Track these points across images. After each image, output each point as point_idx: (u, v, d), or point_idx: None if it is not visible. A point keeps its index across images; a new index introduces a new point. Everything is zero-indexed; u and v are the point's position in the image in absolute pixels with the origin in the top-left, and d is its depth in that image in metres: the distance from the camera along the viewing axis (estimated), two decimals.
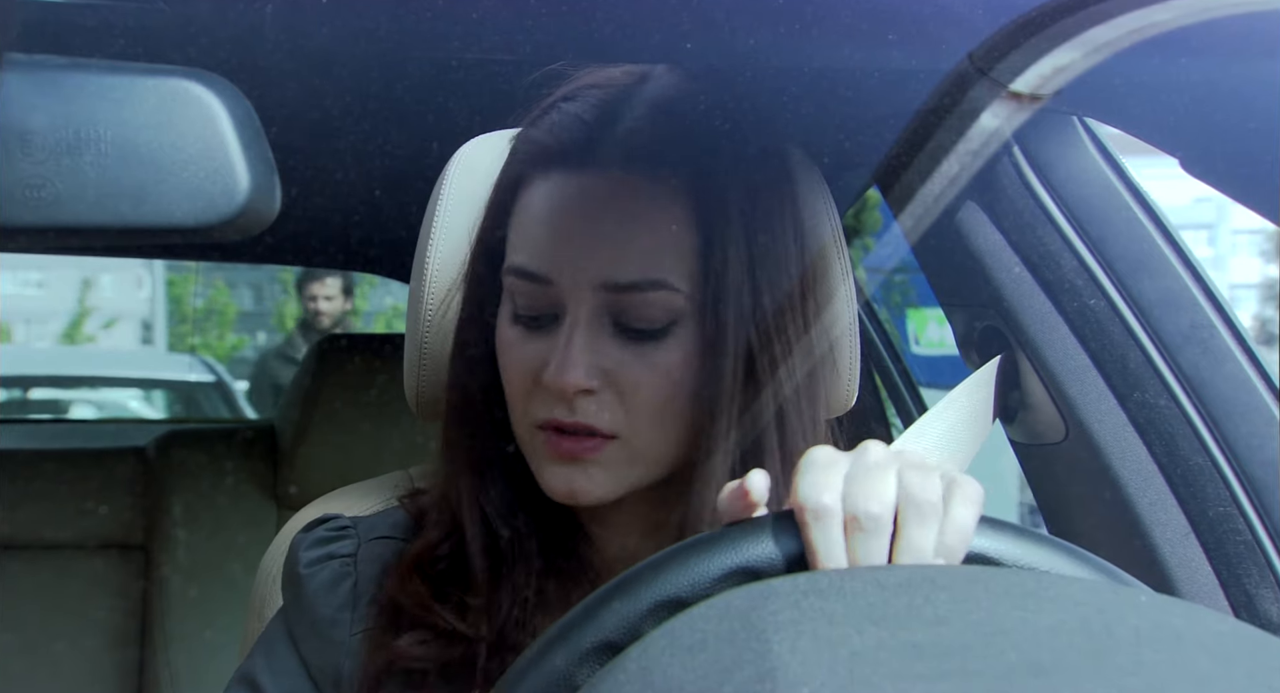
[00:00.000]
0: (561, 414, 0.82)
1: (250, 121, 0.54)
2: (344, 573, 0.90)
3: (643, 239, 0.82)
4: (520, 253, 0.84)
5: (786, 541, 0.62)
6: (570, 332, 0.81)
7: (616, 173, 0.83)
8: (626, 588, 0.61)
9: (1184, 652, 0.51)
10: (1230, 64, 0.85)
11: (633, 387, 0.82)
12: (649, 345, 0.82)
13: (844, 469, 0.64)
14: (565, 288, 0.82)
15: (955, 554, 0.62)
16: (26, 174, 0.50)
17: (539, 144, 0.86)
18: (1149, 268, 1.10)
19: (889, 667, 0.49)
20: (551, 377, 0.81)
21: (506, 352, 0.85)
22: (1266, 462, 1.04)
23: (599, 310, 0.82)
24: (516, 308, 0.84)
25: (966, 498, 0.63)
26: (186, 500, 2.13)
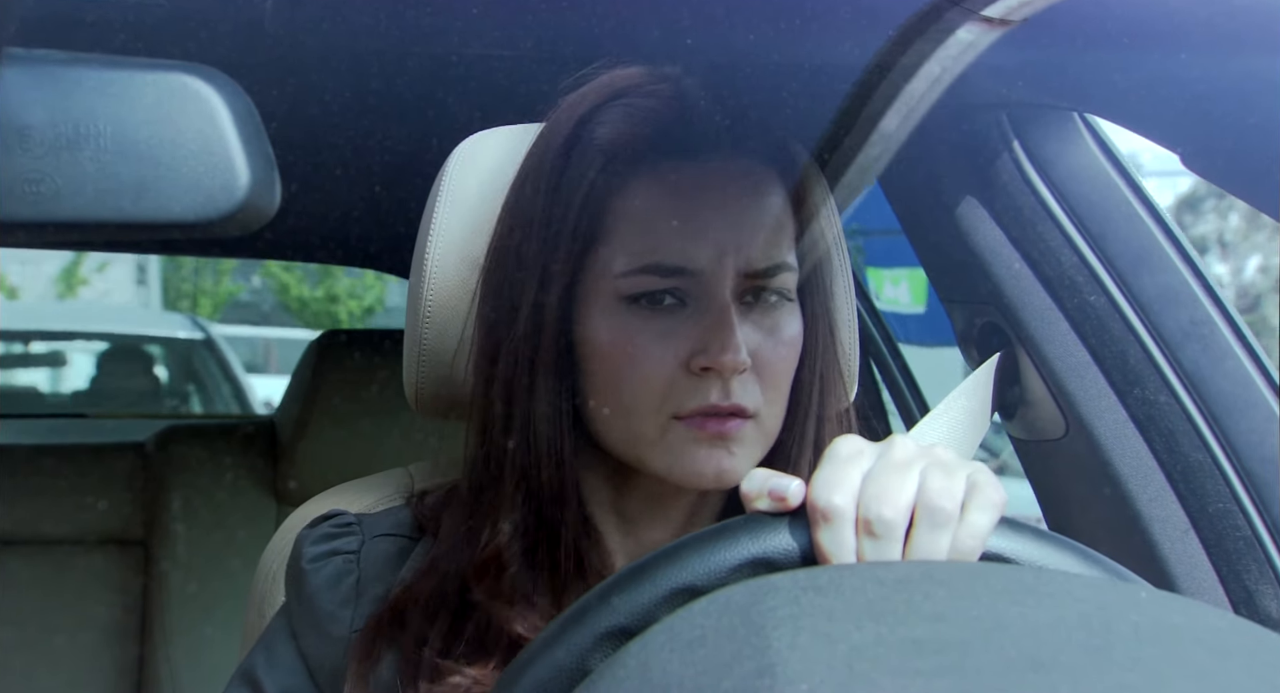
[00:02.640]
0: (718, 398, 0.82)
1: (250, 117, 0.54)
2: (347, 570, 0.90)
3: (769, 222, 0.86)
4: (644, 250, 0.83)
5: (803, 535, 0.62)
6: (723, 313, 0.82)
7: (728, 160, 0.86)
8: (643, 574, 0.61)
9: (1183, 647, 0.51)
10: (1230, 60, 0.85)
11: (769, 365, 0.85)
12: (773, 322, 0.86)
13: (865, 465, 0.64)
14: (708, 278, 0.83)
15: (969, 559, 0.62)
16: (26, 169, 0.50)
17: (632, 139, 0.85)
18: (1149, 264, 1.10)
19: (888, 663, 0.49)
20: (716, 358, 0.81)
21: (633, 344, 0.83)
22: (1266, 458, 1.04)
23: (735, 294, 0.84)
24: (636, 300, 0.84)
25: (986, 503, 0.63)
26: (186, 496, 2.13)
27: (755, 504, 0.64)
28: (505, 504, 0.86)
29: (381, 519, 0.94)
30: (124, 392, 4.93)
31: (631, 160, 0.84)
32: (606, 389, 0.85)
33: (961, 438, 1.07)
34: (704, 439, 0.83)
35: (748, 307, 0.85)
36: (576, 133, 0.86)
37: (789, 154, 0.90)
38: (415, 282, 0.97)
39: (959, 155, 1.17)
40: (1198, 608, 0.59)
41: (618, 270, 0.84)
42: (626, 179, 0.84)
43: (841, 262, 0.99)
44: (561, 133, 0.87)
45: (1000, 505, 0.64)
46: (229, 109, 0.53)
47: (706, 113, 0.86)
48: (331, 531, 0.92)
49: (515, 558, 0.85)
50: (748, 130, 0.87)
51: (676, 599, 0.59)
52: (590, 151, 0.85)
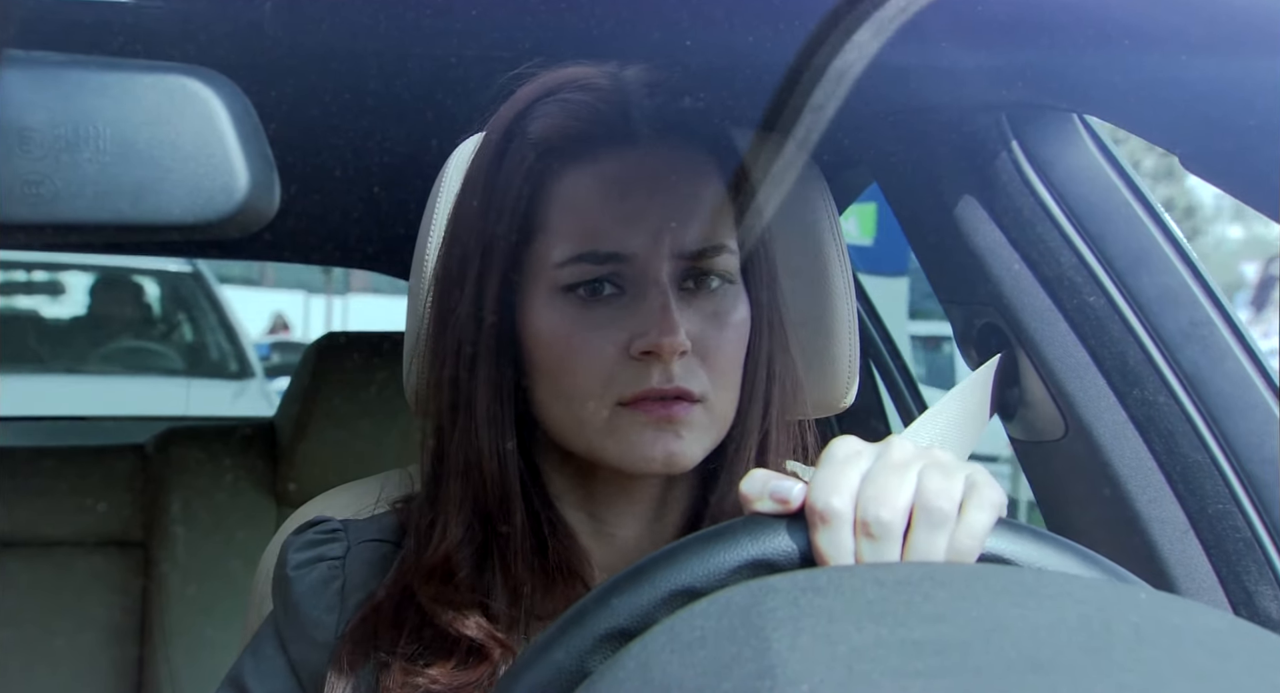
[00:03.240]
0: (660, 382, 0.82)
1: (249, 118, 0.53)
2: (332, 576, 0.90)
3: (703, 206, 0.86)
4: (579, 238, 0.84)
5: (802, 537, 0.62)
6: (661, 297, 0.83)
7: (662, 147, 0.86)
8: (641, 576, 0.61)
9: (1183, 649, 0.51)
10: (1230, 61, 0.85)
11: (714, 346, 0.85)
12: (715, 306, 0.86)
13: (864, 466, 0.64)
14: (642, 262, 0.83)
15: (967, 558, 0.62)
16: (25, 171, 0.50)
17: (564, 132, 0.85)
18: (1148, 265, 1.10)
19: (888, 664, 0.49)
20: (655, 340, 0.81)
21: (573, 334, 0.84)
22: (1265, 459, 1.04)
23: (673, 278, 0.84)
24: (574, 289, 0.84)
25: (984, 503, 0.63)
26: (186, 498, 2.13)
27: (756, 506, 0.64)
28: (455, 507, 0.86)
29: (368, 525, 0.94)
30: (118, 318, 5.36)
31: (564, 152, 0.85)
32: (552, 380, 0.85)
33: (957, 438, 1.07)
34: (650, 423, 0.83)
35: (688, 291, 0.85)
36: (511, 129, 0.88)
37: (729, 141, 0.90)
38: (415, 283, 0.97)
39: (958, 156, 1.17)
40: (1197, 609, 0.59)
41: (554, 261, 0.84)
42: (559, 170, 0.85)
43: (840, 261, 0.99)
44: (498, 131, 0.88)
45: (998, 506, 0.64)
46: (228, 111, 0.53)
47: (641, 104, 0.87)
48: (316, 537, 0.93)
49: (465, 562, 0.85)
50: (684, 119, 0.87)
51: (676, 601, 0.59)
52: (524, 146, 0.86)
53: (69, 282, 5.71)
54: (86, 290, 5.54)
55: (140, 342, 5.42)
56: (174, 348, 5.49)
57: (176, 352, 5.45)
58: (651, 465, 0.84)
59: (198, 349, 5.46)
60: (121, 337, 5.35)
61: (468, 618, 0.84)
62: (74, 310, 5.68)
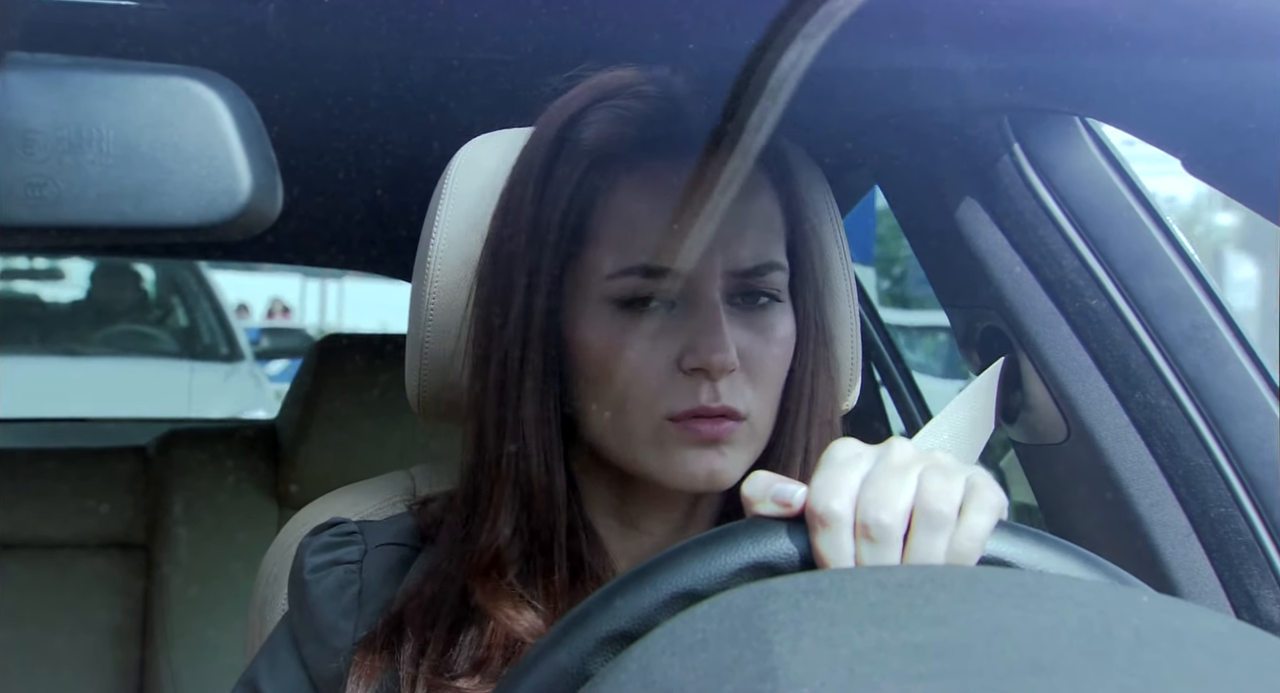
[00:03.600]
0: (707, 399, 0.82)
1: (252, 121, 0.54)
2: (349, 580, 0.89)
3: (755, 221, 0.86)
4: (631, 251, 0.83)
5: (803, 540, 0.62)
6: (712, 313, 0.82)
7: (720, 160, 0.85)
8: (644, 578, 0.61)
9: (1184, 652, 0.51)
10: (1232, 64, 0.85)
11: (759, 364, 0.85)
12: (763, 322, 0.86)
13: (864, 469, 0.64)
14: (695, 278, 0.83)
15: (967, 561, 0.62)
16: (28, 173, 0.50)
17: (619, 140, 0.85)
18: (1150, 268, 1.10)
19: (889, 667, 0.49)
20: (705, 358, 0.81)
21: (623, 346, 0.83)
22: (1268, 462, 1.04)
23: (723, 293, 0.84)
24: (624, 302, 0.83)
25: (984, 505, 0.63)
26: (187, 499, 2.13)
27: (758, 508, 0.64)
28: (502, 509, 0.85)
29: (384, 527, 0.93)
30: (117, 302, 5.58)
31: (618, 162, 0.84)
32: (599, 392, 0.85)
33: (964, 445, 1.07)
34: (695, 442, 0.83)
35: (737, 307, 0.85)
36: (563, 135, 0.86)
37: (780, 155, 0.90)
38: (417, 285, 0.97)
39: (960, 159, 1.17)
40: (1199, 612, 0.59)
41: (606, 272, 0.83)
42: (613, 180, 0.84)
43: (843, 263, 0.99)
44: (549, 136, 0.87)
45: (999, 508, 0.64)
46: (231, 113, 0.53)
47: (694, 113, 0.86)
48: (333, 540, 0.92)
49: (515, 561, 0.85)
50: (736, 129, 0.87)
51: (677, 604, 0.59)
52: (577, 154, 0.85)
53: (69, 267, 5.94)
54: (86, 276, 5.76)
55: (136, 326, 5.62)
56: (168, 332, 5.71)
57: (170, 335, 5.67)
58: (694, 483, 0.84)
59: (191, 333, 5.68)
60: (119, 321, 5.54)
61: (522, 616, 0.83)
62: (74, 294, 5.90)
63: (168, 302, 5.87)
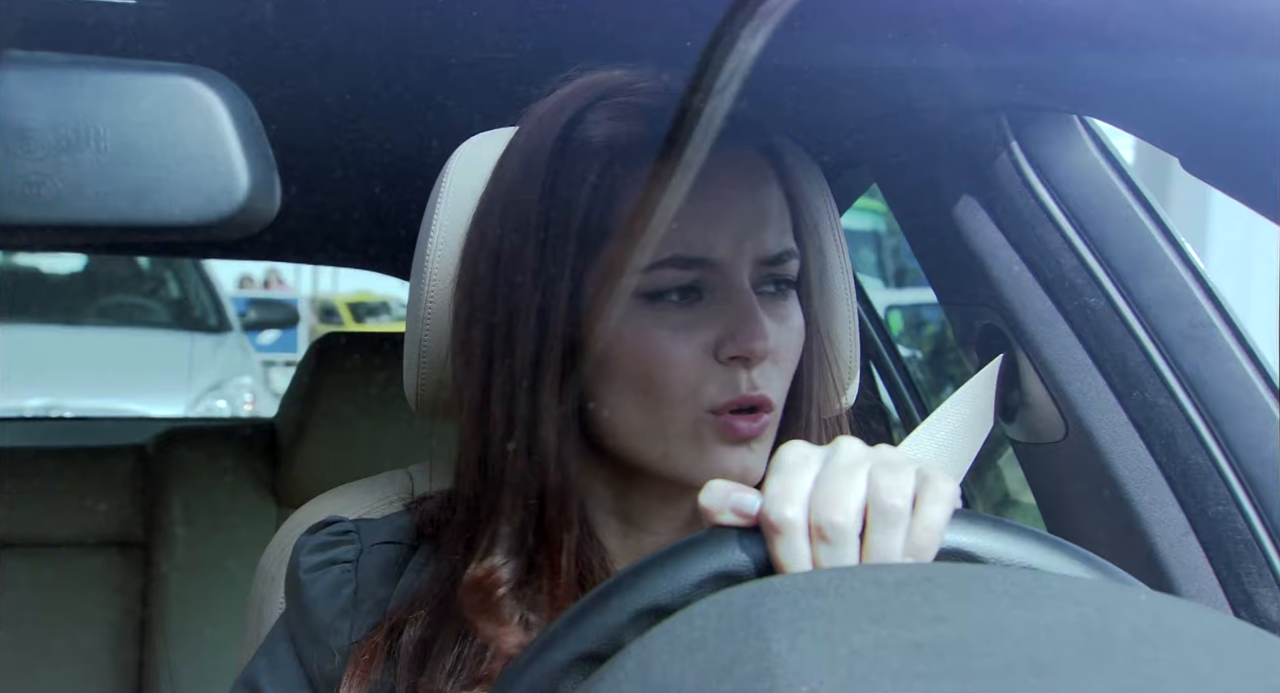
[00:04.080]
0: (746, 389, 0.83)
1: (250, 119, 0.54)
2: (345, 580, 0.89)
3: (773, 210, 0.87)
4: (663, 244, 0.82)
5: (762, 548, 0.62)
6: (747, 301, 0.83)
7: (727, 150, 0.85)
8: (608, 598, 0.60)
9: (1183, 651, 0.51)
10: (1230, 63, 0.85)
11: (785, 351, 0.85)
12: (784, 310, 0.86)
13: (814, 470, 0.64)
14: (727, 266, 0.83)
15: (926, 553, 0.62)
16: (26, 171, 0.50)
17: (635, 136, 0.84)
18: (1148, 266, 1.10)
19: (888, 665, 0.49)
20: (746, 346, 0.81)
21: (660, 340, 0.83)
22: (1266, 460, 1.04)
23: (753, 282, 0.85)
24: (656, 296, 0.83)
25: (938, 496, 0.62)
26: (186, 498, 2.13)
27: (717, 519, 0.64)
28: (504, 512, 0.84)
29: (380, 526, 0.93)
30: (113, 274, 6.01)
31: (631, 158, 0.84)
32: (635, 389, 0.84)
33: (961, 442, 1.07)
34: (733, 440, 0.83)
35: (764, 296, 0.85)
36: (567, 135, 0.86)
37: (779, 145, 0.91)
38: (416, 284, 0.97)
39: (958, 158, 1.17)
40: (1197, 611, 0.59)
41: (636, 267, 0.82)
42: (629, 177, 0.84)
43: (842, 261, 0.99)
44: (550, 136, 0.86)
45: (952, 497, 0.63)
46: (229, 111, 0.53)
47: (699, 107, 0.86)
48: (329, 539, 0.92)
49: (509, 574, 0.83)
50: (740, 123, 0.87)
51: (644, 620, 0.58)
52: (587, 152, 0.84)
53: None
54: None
55: (131, 297, 5.98)
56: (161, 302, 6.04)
57: (163, 306, 6.01)
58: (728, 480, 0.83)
59: (182, 304, 6.02)
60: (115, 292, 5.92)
61: (510, 633, 0.82)
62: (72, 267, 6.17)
63: (161, 274, 6.18)
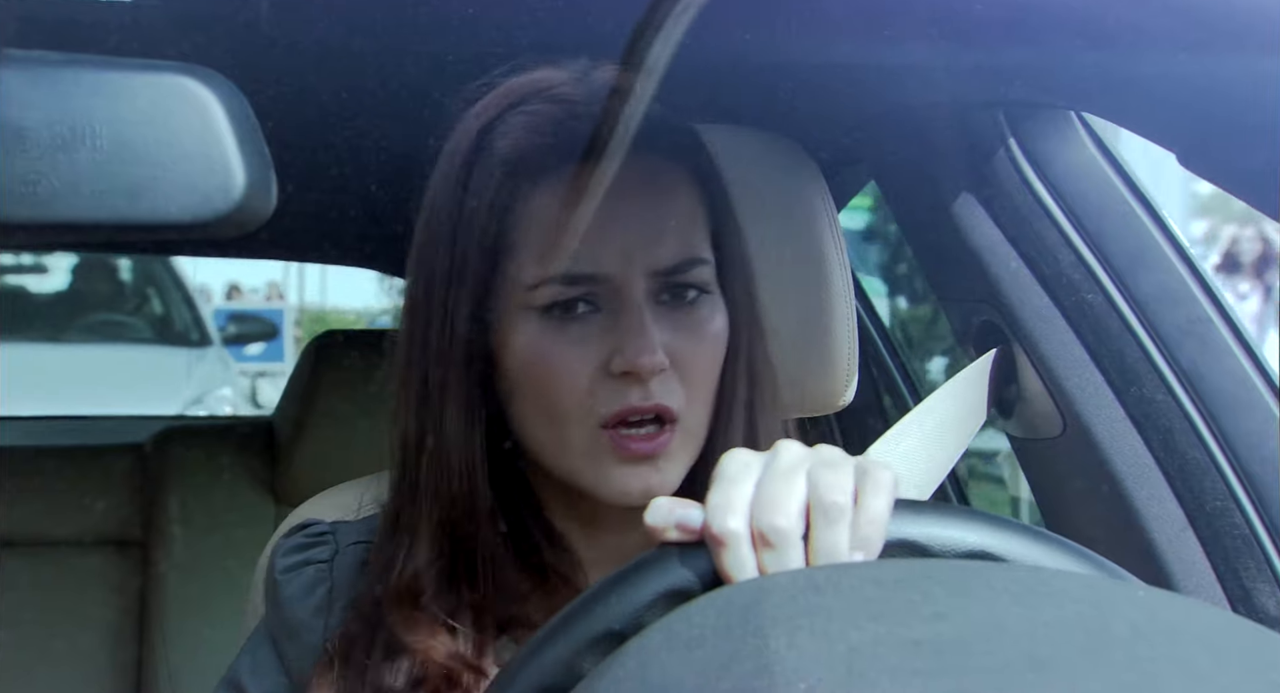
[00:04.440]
0: (638, 399, 0.81)
1: (246, 117, 0.53)
2: (319, 579, 0.90)
3: (675, 219, 0.85)
4: (549, 260, 0.82)
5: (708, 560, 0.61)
6: (636, 315, 0.82)
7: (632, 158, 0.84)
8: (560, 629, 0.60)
9: (1181, 646, 0.51)
10: (1228, 59, 0.85)
11: (690, 361, 0.84)
12: (692, 320, 0.85)
13: (754, 477, 0.63)
14: (616, 281, 0.82)
15: (872, 545, 0.61)
16: (22, 170, 0.50)
17: (531, 148, 0.84)
18: (1146, 262, 1.10)
19: (886, 662, 0.49)
20: (632, 360, 0.80)
21: (550, 354, 0.83)
22: (1264, 456, 1.04)
23: (647, 293, 0.83)
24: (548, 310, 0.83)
25: (878, 487, 0.62)
26: (184, 497, 2.13)
27: (664, 536, 0.63)
28: (422, 524, 0.85)
29: (358, 526, 0.93)
30: (96, 295, 6.17)
31: (531, 170, 0.84)
32: (531, 402, 0.84)
33: (949, 435, 1.07)
34: (629, 458, 0.82)
35: (664, 305, 0.84)
36: (478, 144, 0.86)
37: (700, 148, 0.89)
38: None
39: (955, 154, 1.17)
40: (1195, 607, 0.59)
41: (527, 282, 0.83)
42: (528, 190, 0.83)
43: (839, 259, 0.99)
44: (464, 146, 0.87)
45: (891, 486, 0.63)
46: (225, 110, 0.53)
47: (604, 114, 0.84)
48: (304, 540, 0.93)
49: (431, 582, 0.84)
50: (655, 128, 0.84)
51: (601, 646, 0.58)
52: (491, 164, 0.84)
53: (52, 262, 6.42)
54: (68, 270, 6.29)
55: (114, 315, 6.14)
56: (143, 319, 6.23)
57: (146, 322, 6.20)
58: (629, 500, 0.82)
59: (165, 320, 6.20)
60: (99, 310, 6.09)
61: (436, 642, 0.82)
62: (56, 286, 6.39)
63: (144, 291, 6.37)
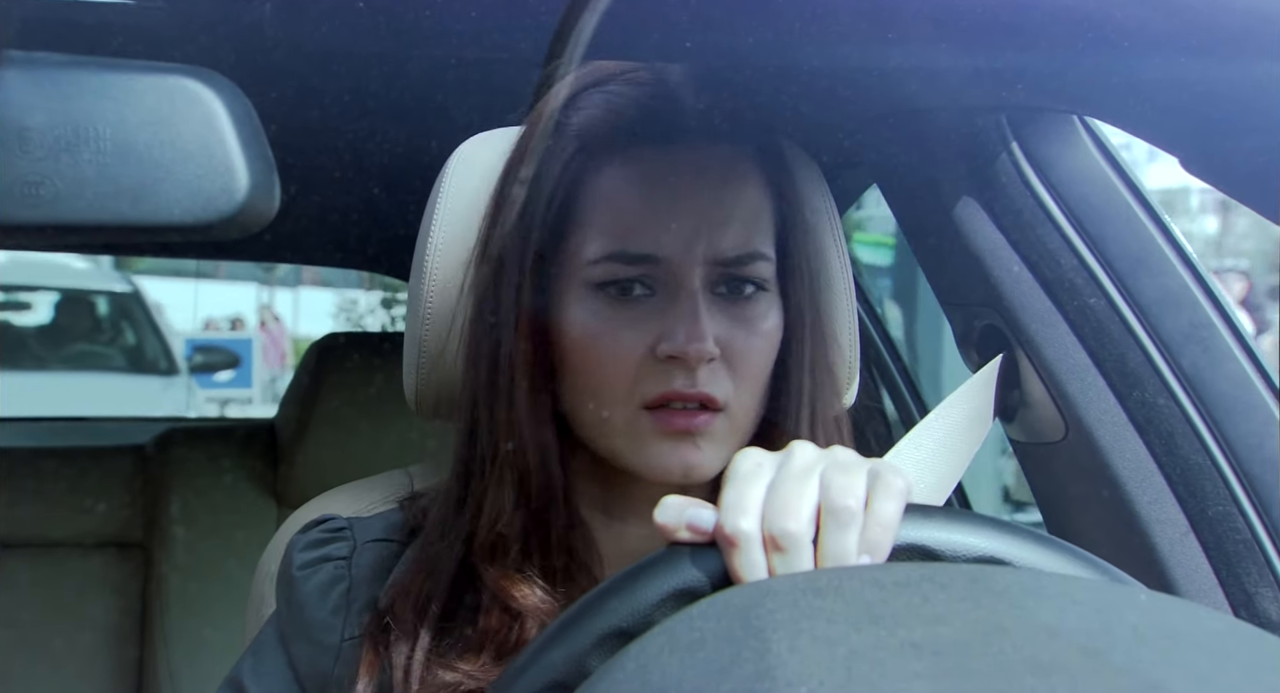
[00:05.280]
0: (684, 386, 0.82)
1: (249, 119, 0.54)
2: (338, 576, 0.89)
3: (741, 210, 0.85)
4: (612, 237, 0.83)
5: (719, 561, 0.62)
6: (690, 301, 0.82)
7: (705, 148, 0.85)
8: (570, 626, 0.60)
9: (1182, 651, 0.51)
10: (1231, 63, 0.85)
11: (741, 354, 0.84)
12: (748, 313, 0.85)
13: (767, 478, 0.64)
14: (675, 265, 0.83)
15: (881, 550, 0.61)
16: (25, 171, 0.50)
17: (607, 125, 0.84)
18: (1148, 267, 1.10)
19: (887, 665, 0.49)
20: (681, 346, 0.81)
21: (602, 332, 0.83)
22: (1266, 460, 1.04)
23: (705, 283, 0.83)
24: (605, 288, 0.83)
25: (890, 492, 0.62)
26: (185, 498, 2.13)
27: (675, 535, 0.63)
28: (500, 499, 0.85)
29: (373, 523, 0.93)
30: (75, 328, 6.81)
31: (604, 147, 0.84)
32: (578, 378, 0.84)
33: (959, 441, 1.07)
34: (669, 434, 0.82)
35: (720, 297, 0.84)
36: (555, 121, 0.86)
37: (774, 145, 0.90)
38: (415, 284, 0.97)
39: (958, 158, 1.17)
40: (1197, 611, 0.59)
41: (587, 258, 0.83)
42: (599, 165, 0.84)
43: (841, 261, 0.99)
44: (541, 121, 0.87)
45: (903, 491, 0.63)
46: (228, 112, 0.53)
47: (686, 100, 0.86)
48: (322, 536, 0.92)
49: (517, 538, 0.84)
50: (730, 120, 0.86)
51: (608, 645, 0.59)
52: (565, 138, 0.85)
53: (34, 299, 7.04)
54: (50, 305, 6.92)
55: (93, 346, 6.79)
56: (117, 349, 6.85)
57: (120, 352, 6.80)
58: (669, 476, 0.83)
59: (137, 350, 6.79)
60: (78, 341, 6.72)
61: (533, 593, 0.82)
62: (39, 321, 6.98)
63: (119, 325, 6.99)
